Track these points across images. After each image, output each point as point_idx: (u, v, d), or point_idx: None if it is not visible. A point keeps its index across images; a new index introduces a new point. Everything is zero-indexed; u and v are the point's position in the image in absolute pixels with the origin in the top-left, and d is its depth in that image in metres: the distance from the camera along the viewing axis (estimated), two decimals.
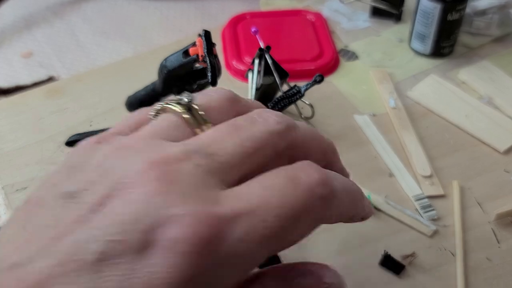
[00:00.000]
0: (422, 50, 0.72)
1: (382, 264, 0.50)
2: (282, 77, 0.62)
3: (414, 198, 0.55)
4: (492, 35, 0.74)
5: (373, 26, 0.78)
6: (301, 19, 0.77)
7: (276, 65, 0.61)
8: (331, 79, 0.69)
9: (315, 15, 0.78)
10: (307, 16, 0.78)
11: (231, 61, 0.71)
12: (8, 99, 0.69)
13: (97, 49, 0.77)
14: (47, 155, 0.60)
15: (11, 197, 0.56)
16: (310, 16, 0.78)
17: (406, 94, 0.67)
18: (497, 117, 0.64)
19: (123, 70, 0.71)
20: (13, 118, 0.65)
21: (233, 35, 0.74)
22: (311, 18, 0.78)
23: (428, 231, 0.52)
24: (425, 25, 0.70)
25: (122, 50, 0.76)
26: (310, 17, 0.78)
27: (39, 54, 0.76)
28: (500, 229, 0.53)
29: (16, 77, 0.72)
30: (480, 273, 0.49)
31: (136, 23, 0.81)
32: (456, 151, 0.60)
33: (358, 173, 0.58)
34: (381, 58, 0.73)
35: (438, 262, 0.50)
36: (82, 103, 0.67)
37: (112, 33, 0.79)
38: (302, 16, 0.78)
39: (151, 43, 0.76)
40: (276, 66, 0.61)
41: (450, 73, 0.70)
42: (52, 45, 0.77)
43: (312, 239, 0.52)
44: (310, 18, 0.78)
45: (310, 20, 0.77)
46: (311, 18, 0.78)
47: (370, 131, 0.62)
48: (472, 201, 0.55)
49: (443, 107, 0.65)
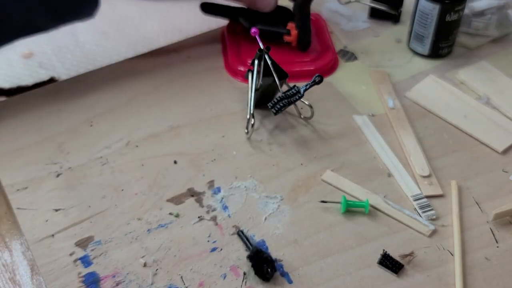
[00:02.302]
0: (420, 50, 0.72)
1: (380, 263, 0.50)
2: (281, 78, 0.62)
3: (413, 198, 0.56)
4: (491, 36, 0.74)
5: (372, 27, 0.78)
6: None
7: (276, 66, 0.62)
8: (331, 79, 0.70)
9: (315, 16, 0.78)
10: None
11: (230, 62, 0.71)
12: (8, 100, 0.69)
13: (97, 50, 0.77)
14: (47, 155, 0.61)
15: (11, 197, 0.57)
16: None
17: (404, 95, 0.67)
18: (496, 117, 0.64)
19: (123, 70, 0.72)
20: (13, 118, 0.65)
21: (233, 35, 0.74)
22: (311, 18, 0.78)
23: (427, 230, 0.53)
24: (423, 26, 0.70)
25: (122, 50, 0.76)
26: None
27: (39, 54, 0.76)
28: (498, 228, 0.53)
29: (17, 77, 0.72)
30: (478, 272, 0.49)
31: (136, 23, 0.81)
32: (454, 151, 0.61)
33: (357, 173, 0.58)
34: (380, 59, 0.73)
35: (437, 262, 0.50)
36: (82, 103, 0.67)
37: (112, 33, 0.80)
38: None
39: (151, 44, 0.77)
40: (276, 66, 0.62)
41: (449, 73, 0.70)
42: (52, 46, 0.77)
43: (311, 239, 0.52)
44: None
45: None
46: (311, 18, 0.78)
47: (369, 131, 0.62)
48: (471, 201, 0.55)
49: (441, 108, 0.65)
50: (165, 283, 0.49)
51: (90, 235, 0.53)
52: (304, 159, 0.60)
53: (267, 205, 0.55)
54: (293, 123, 0.64)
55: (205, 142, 0.62)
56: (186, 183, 0.57)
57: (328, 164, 0.59)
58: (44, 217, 0.54)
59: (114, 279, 0.49)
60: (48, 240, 0.53)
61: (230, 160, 0.60)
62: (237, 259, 0.51)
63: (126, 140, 0.62)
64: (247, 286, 0.49)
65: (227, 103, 0.67)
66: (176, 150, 0.61)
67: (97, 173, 0.59)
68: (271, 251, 0.51)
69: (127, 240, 0.53)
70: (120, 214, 0.55)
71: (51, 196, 0.56)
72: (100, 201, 0.56)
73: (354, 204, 0.54)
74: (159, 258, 0.51)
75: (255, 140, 0.62)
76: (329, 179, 0.57)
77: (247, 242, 0.52)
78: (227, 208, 0.55)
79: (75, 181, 0.58)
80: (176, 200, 0.56)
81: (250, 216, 0.54)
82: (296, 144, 0.61)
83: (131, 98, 0.67)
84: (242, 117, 0.64)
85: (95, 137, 0.63)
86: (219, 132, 0.63)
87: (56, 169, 0.59)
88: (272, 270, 0.49)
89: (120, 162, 0.60)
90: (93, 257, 0.51)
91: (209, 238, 0.53)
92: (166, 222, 0.54)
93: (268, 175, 0.58)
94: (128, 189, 0.57)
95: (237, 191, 0.57)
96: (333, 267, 0.50)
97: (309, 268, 0.50)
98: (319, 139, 0.62)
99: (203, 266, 0.50)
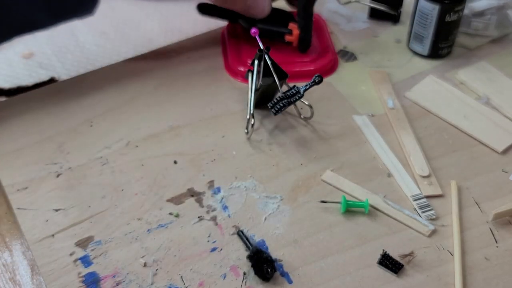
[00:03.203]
0: (420, 51, 0.72)
1: (380, 263, 0.50)
2: (281, 78, 0.62)
3: (413, 198, 0.56)
4: (490, 36, 0.74)
5: (371, 27, 0.78)
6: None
7: (276, 66, 0.62)
8: (330, 79, 0.70)
9: (315, 16, 0.77)
10: None
11: (230, 62, 0.71)
12: (8, 100, 0.69)
13: (97, 50, 0.77)
14: (47, 155, 0.61)
15: (11, 197, 0.57)
16: None
17: (404, 95, 0.67)
18: (495, 117, 0.64)
19: (123, 70, 0.72)
20: (13, 118, 0.65)
21: (233, 36, 0.74)
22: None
23: (427, 230, 0.53)
24: (423, 26, 0.70)
25: (122, 50, 0.76)
26: None
27: (39, 54, 0.76)
28: (498, 229, 0.53)
29: (17, 77, 0.72)
30: (478, 272, 0.50)
31: (136, 23, 0.82)
32: (454, 151, 0.61)
33: (357, 173, 0.58)
34: (379, 59, 0.73)
35: (437, 262, 0.50)
36: (82, 103, 0.67)
37: (111, 33, 0.80)
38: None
39: (151, 44, 0.77)
40: (276, 67, 0.62)
41: (449, 73, 0.70)
42: (52, 46, 0.77)
43: (311, 239, 0.52)
44: None
45: None
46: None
47: (369, 132, 0.63)
48: (470, 201, 0.56)
49: (441, 108, 0.65)
50: (165, 283, 0.49)
51: (90, 235, 0.53)
52: (304, 159, 0.60)
53: (267, 205, 0.55)
54: (293, 123, 0.64)
55: (205, 142, 0.62)
56: (186, 183, 0.57)
57: (328, 164, 0.59)
58: (44, 217, 0.54)
59: (114, 279, 0.50)
60: (48, 240, 0.53)
61: (230, 160, 0.60)
62: (237, 259, 0.51)
63: (126, 140, 0.62)
64: (247, 286, 0.49)
65: (227, 103, 0.67)
66: (176, 150, 0.61)
67: (97, 173, 0.59)
68: (271, 251, 0.51)
69: (127, 240, 0.53)
70: (120, 214, 0.55)
71: (51, 196, 0.56)
72: (100, 201, 0.56)
73: (354, 204, 0.54)
74: (159, 258, 0.51)
75: (255, 140, 0.62)
76: (329, 179, 0.57)
77: (247, 242, 0.52)
78: (227, 208, 0.55)
79: (75, 181, 0.58)
80: (176, 200, 0.56)
81: (250, 216, 0.54)
82: (296, 144, 0.62)
83: (131, 98, 0.68)
84: (242, 117, 0.64)
85: (95, 137, 0.63)
86: (219, 132, 0.63)
87: (56, 169, 0.59)
88: (272, 270, 0.49)
89: (120, 162, 0.60)
90: (93, 257, 0.51)
91: (209, 238, 0.53)
92: (166, 222, 0.54)
93: (268, 175, 0.58)
94: (128, 189, 0.57)
95: (237, 191, 0.57)
96: (333, 267, 0.50)
97: (309, 268, 0.50)
98: (319, 139, 0.62)
99: (203, 266, 0.50)
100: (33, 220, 0.54)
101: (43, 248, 0.52)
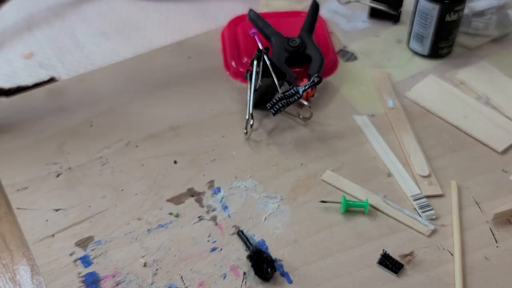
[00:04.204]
0: (420, 50, 0.72)
1: (380, 263, 0.50)
2: (280, 78, 0.62)
3: (413, 197, 0.56)
4: (491, 36, 0.74)
5: (371, 27, 0.78)
6: (300, 20, 0.77)
7: (275, 66, 0.62)
8: (330, 79, 0.70)
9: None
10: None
11: (230, 62, 0.71)
12: (9, 100, 0.69)
13: (97, 50, 0.77)
14: (47, 155, 0.61)
15: (11, 197, 0.57)
16: None
17: (404, 95, 0.67)
18: (495, 117, 0.64)
19: (123, 71, 0.72)
20: (13, 118, 0.65)
21: (233, 36, 0.74)
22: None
23: (427, 230, 0.53)
24: (423, 26, 0.70)
25: (122, 50, 0.76)
26: None
27: (39, 54, 0.76)
28: (498, 228, 0.53)
29: (17, 77, 0.72)
30: (478, 272, 0.50)
31: (136, 23, 0.82)
32: (454, 151, 0.61)
33: (357, 173, 0.58)
34: (379, 59, 0.73)
35: (437, 262, 0.50)
36: (82, 103, 0.67)
37: (111, 33, 0.80)
38: (301, 17, 0.78)
39: (151, 44, 0.77)
40: (275, 67, 0.62)
41: (449, 73, 0.70)
42: (52, 46, 0.77)
43: (311, 239, 0.52)
44: None
45: None
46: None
47: (369, 131, 0.63)
48: (470, 201, 0.56)
49: (441, 108, 0.65)
50: (165, 283, 0.49)
51: (90, 235, 0.53)
52: (304, 159, 0.60)
53: (267, 205, 0.55)
54: (293, 123, 0.64)
55: (205, 142, 0.62)
56: (186, 183, 0.57)
57: (328, 164, 0.59)
58: (44, 217, 0.54)
59: (114, 279, 0.50)
60: (48, 240, 0.53)
61: (230, 160, 0.60)
62: (237, 259, 0.51)
63: (126, 140, 0.62)
64: (247, 286, 0.49)
65: (227, 103, 0.67)
66: (176, 150, 0.61)
67: (97, 173, 0.59)
68: (271, 251, 0.51)
69: (127, 240, 0.53)
70: (120, 214, 0.55)
71: (51, 196, 0.57)
72: (100, 201, 0.56)
73: (354, 204, 0.54)
74: (159, 258, 0.51)
75: (255, 140, 0.62)
76: (329, 179, 0.57)
77: (247, 242, 0.52)
78: (227, 208, 0.55)
79: (75, 181, 0.58)
80: (176, 200, 0.56)
81: (250, 216, 0.54)
82: (296, 144, 0.62)
83: (131, 98, 0.68)
84: (242, 117, 0.64)
85: (95, 137, 0.63)
86: (219, 132, 0.63)
87: (56, 169, 0.59)
88: (272, 270, 0.49)
89: (120, 162, 0.60)
90: (93, 257, 0.51)
91: (209, 238, 0.53)
92: (166, 222, 0.54)
93: (268, 175, 0.58)
94: (128, 189, 0.57)
95: (237, 191, 0.57)
96: (333, 267, 0.50)
97: (309, 268, 0.50)
98: (319, 139, 0.62)
99: (203, 266, 0.50)
100: (33, 220, 0.54)
101: (43, 248, 0.52)
